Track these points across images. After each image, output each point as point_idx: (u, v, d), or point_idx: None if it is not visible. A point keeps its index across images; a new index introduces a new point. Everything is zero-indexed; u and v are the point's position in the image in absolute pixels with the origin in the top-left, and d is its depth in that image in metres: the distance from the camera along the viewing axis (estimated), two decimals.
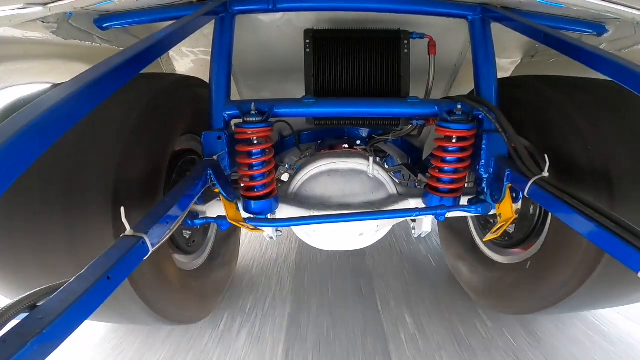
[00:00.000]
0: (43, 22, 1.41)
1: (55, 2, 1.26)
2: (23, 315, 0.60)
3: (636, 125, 1.34)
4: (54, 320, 0.59)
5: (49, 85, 1.63)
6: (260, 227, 1.38)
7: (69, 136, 0.71)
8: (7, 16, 1.29)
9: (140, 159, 1.24)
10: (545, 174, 1.09)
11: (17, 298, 0.61)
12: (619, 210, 1.09)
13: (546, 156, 1.13)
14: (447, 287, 2.12)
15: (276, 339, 1.69)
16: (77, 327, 0.64)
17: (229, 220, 1.34)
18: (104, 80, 0.83)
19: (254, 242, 2.81)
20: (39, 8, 1.27)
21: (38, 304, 0.62)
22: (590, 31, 1.60)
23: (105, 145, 1.19)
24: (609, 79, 1.02)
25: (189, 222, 1.36)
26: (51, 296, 0.63)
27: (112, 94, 0.84)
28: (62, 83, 1.38)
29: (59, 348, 0.60)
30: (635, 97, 0.92)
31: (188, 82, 1.65)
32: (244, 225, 1.35)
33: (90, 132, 1.18)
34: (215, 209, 1.45)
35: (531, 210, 1.57)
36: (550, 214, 1.43)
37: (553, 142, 1.36)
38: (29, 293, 0.63)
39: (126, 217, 0.85)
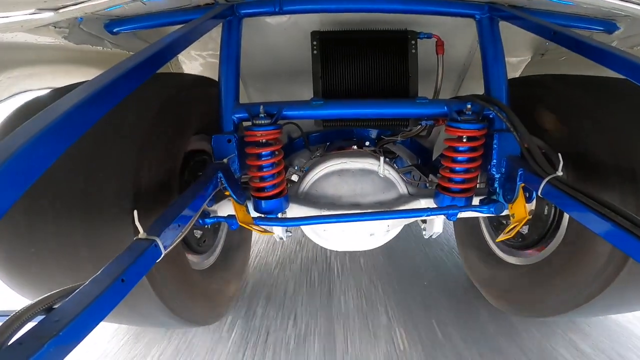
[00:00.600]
0: (55, 27, 1.43)
1: (66, 7, 1.28)
2: (40, 318, 0.61)
3: None
4: (70, 322, 0.60)
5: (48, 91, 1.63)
6: (270, 228, 1.38)
7: (85, 139, 0.72)
8: (18, 21, 1.31)
9: (157, 160, 1.26)
10: (560, 172, 1.08)
11: (34, 300, 0.62)
12: None
13: (560, 155, 1.12)
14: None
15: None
16: (93, 328, 0.64)
17: (239, 223, 1.34)
18: (116, 84, 0.83)
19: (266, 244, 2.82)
20: (50, 13, 1.29)
21: (54, 307, 0.63)
22: (601, 29, 1.58)
23: (122, 147, 1.20)
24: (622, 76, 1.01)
25: (200, 222, 1.36)
26: (67, 298, 0.64)
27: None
28: (62, 87, 1.41)
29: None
30: None
31: (201, 82, 1.66)
32: (253, 228, 1.35)
33: (106, 135, 1.19)
34: (226, 208, 1.45)
35: (545, 211, 1.55)
36: (565, 215, 1.41)
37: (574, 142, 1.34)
38: (45, 295, 0.64)
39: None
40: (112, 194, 1.13)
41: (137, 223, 0.86)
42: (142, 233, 0.86)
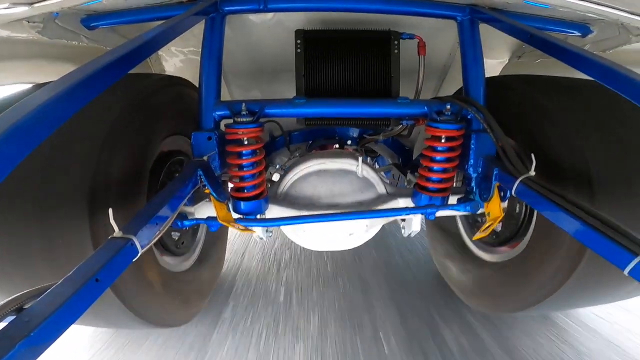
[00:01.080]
0: (28, 22, 1.38)
1: (41, 1, 1.25)
2: (10, 318, 0.59)
3: (615, 125, 1.37)
4: (41, 322, 0.59)
5: (30, 86, 1.59)
6: (250, 228, 1.38)
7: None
8: None
9: (120, 161, 1.23)
10: (532, 172, 1.11)
11: (3, 301, 0.61)
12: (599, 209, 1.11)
13: (532, 155, 1.15)
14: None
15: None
16: (66, 329, 0.63)
17: (219, 221, 1.33)
18: (91, 80, 0.82)
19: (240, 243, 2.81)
20: (25, 8, 1.25)
21: (25, 307, 0.62)
22: (576, 32, 1.63)
23: (82, 147, 1.17)
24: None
25: (179, 224, 1.35)
26: (38, 299, 0.63)
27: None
28: (46, 83, 1.38)
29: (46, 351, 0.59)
30: (618, 97, 0.94)
31: (172, 81, 1.63)
32: (234, 226, 1.34)
33: (67, 134, 1.15)
34: (205, 210, 1.44)
35: (517, 209, 1.59)
36: (535, 213, 1.45)
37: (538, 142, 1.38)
38: (15, 296, 0.62)
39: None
40: (68, 196, 1.10)
41: (112, 221, 0.84)
42: (117, 231, 0.84)
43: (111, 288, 1.14)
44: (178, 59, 2.15)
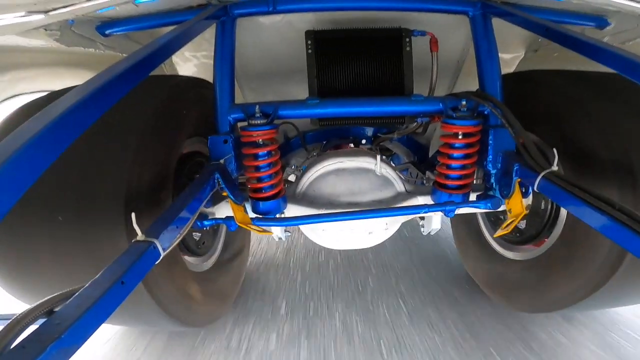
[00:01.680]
0: (46, 30, 1.41)
1: (56, 9, 1.27)
2: (41, 321, 0.60)
3: None
4: (71, 325, 0.60)
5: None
6: (268, 228, 1.39)
7: (78, 143, 0.71)
8: (9, 24, 1.30)
9: (151, 164, 1.25)
10: (555, 167, 1.09)
11: (35, 304, 0.62)
12: None
13: (555, 150, 1.13)
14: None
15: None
16: (94, 331, 0.64)
17: (237, 223, 1.34)
18: (110, 86, 0.83)
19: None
20: (41, 16, 1.28)
21: (55, 310, 0.63)
22: (593, 24, 1.60)
23: (116, 151, 1.20)
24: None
25: (199, 224, 1.37)
26: (68, 301, 0.64)
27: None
28: (60, 90, 1.41)
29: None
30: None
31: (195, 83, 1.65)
32: (252, 228, 1.35)
33: (100, 139, 1.19)
34: (224, 210, 1.45)
35: (542, 206, 1.56)
36: (562, 209, 1.43)
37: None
38: (46, 299, 0.63)
39: (137, 222, 0.86)
40: (106, 199, 1.13)
41: (135, 225, 0.86)
42: (140, 235, 0.85)
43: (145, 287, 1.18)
44: (192, 64, 2.17)
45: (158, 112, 1.33)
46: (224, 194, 1.32)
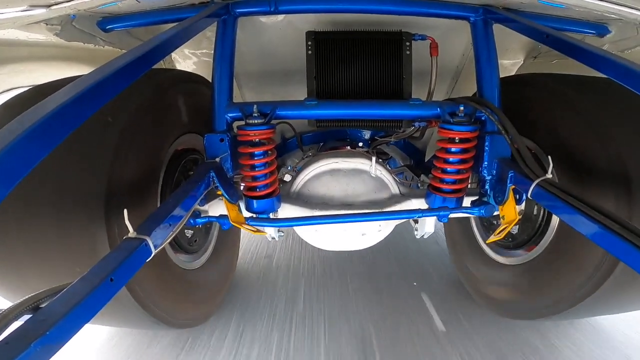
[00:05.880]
0: (46, 24, 1.41)
1: (58, 4, 1.27)
2: (26, 317, 0.60)
3: None
4: (57, 322, 0.59)
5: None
6: (262, 227, 1.38)
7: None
8: (10, 18, 1.29)
9: (134, 161, 1.24)
10: (549, 175, 1.09)
11: (20, 300, 0.61)
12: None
13: (550, 157, 1.13)
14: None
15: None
16: (80, 328, 0.64)
17: (231, 222, 1.34)
18: (107, 82, 0.83)
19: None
20: (43, 10, 1.28)
21: (41, 306, 0.62)
22: (593, 32, 1.60)
23: (97, 148, 1.18)
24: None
25: (191, 221, 1.36)
26: (54, 298, 0.63)
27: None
28: (45, 84, 1.39)
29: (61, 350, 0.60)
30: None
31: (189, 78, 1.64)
32: (245, 227, 1.35)
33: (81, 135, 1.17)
34: (218, 208, 1.45)
35: (535, 211, 1.56)
36: (554, 215, 1.42)
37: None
38: (31, 295, 0.63)
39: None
40: (85, 196, 1.12)
41: (126, 222, 0.85)
42: (131, 232, 0.85)
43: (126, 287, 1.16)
44: (191, 61, 2.17)
45: (143, 107, 1.32)
46: (219, 192, 1.32)
